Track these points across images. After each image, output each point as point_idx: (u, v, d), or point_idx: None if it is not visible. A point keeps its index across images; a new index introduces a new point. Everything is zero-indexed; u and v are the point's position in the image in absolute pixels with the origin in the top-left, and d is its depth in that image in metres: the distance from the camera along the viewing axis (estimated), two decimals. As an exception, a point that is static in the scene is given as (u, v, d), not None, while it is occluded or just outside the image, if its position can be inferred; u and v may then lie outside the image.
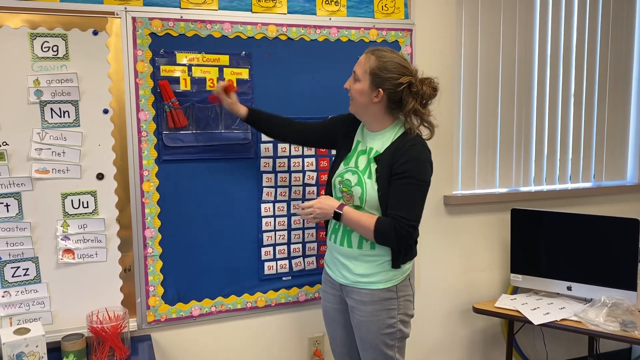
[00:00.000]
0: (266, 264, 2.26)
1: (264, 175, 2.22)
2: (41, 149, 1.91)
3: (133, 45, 1.99)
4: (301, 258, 2.32)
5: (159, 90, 2.03)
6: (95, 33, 1.94)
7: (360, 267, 1.81)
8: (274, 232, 2.26)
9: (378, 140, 1.82)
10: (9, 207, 1.89)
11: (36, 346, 1.76)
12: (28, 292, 1.94)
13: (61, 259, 1.96)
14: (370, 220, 1.74)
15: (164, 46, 2.03)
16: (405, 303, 1.84)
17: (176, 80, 2.05)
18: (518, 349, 2.82)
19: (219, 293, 2.21)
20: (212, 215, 2.16)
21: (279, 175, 2.25)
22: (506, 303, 2.53)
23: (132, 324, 2.07)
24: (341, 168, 1.87)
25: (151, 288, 2.10)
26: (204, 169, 2.13)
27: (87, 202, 1.98)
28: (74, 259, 1.98)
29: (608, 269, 2.46)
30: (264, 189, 2.23)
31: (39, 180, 1.92)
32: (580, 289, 2.51)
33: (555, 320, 2.34)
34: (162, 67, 2.03)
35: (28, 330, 1.79)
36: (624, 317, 2.27)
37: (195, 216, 2.13)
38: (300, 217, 2.28)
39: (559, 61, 2.81)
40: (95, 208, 2.00)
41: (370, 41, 2.32)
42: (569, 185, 2.92)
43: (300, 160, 2.27)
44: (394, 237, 1.72)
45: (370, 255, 1.81)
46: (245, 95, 2.14)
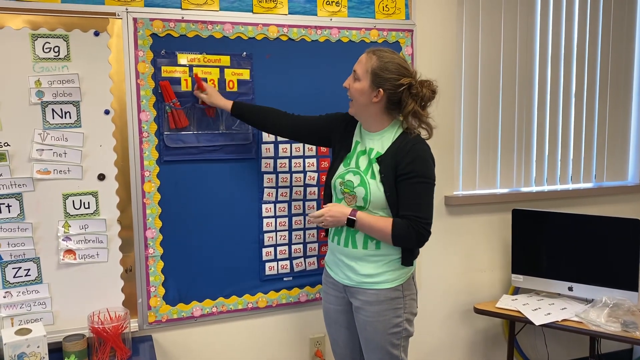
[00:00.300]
0: (267, 265, 2.27)
1: (265, 176, 2.23)
2: (42, 150, 1.91)
3: (134, 46, 1.99)
4: (302, 258, 2.32)
5: (160, 91, 2.03)
6: (96, 34, 1.94)
7: (365, 268, 1.81)
8: (275, 233, 2.27)
9: (377, 140, 1.83)
10: (10, 208, 1.90)
11: (37, 347, 1.76)
12: (29, 293, 1.94)
13: (62, 260, 1.97)
14: (385, 223, 1.74)
15: (165, 47, 2.03)
16: (410, 302, 1.85)
17: (177, 81, 2.05)
18: (519, 350, 2.82)
19: (220, 293, 2.21)
20: (213, 215, 2.16)
21: (280, 175, 2.25)
22: (507, 303, 2.53)
23: (133, 325, 2.07)
24: (341, 169, 1.87)
25: (152, 288, 2.10)
26: (205, 170, 2.13)
27: (89, 203, 1.99)
28: (75, 259, 1.98)
29: (609, 269, 2.45)
30: (265, 190, 2.23)
31: (40, 181, 1.92)
32: (581, 290, 2.51)
33: (557, 321, 2.34)
34: (163, 68, 2.03)
35: (29, 331, 1.79)
36: (625, 318, 2.26)
37: (196, 217, 2.14)
38: (300, 218, 2.29)
39: (559, 61, 2.81)
40: (97, 209, 2.00)
41: (371, 42, 2.32)
42: (570, 186, 2.92)
43: (301, 160, 2.28)
44: (414, 238, 1.74)
45: (375, 256, 1.81)
46: (246, 96, 2.15)
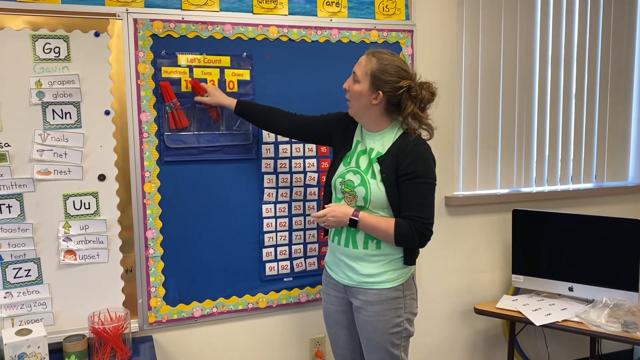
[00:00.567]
0: (267, 265, 2.27)
1: (265, 176, 2.23)
2: (43, 150, 1.91)
3: (134, 46, 1.99)
4: (302, 259, 2.32)
5: (160, 92, 2.03)
6: (96, 34, 1.94)
7: (366, 268, 1.81)
8: (275, 233, 2.27)
9: (378, 140, 1.83)
10: (10, 208, 1.90)
11: (38, 347, 1.76)
12: (30, 293, 1.94)
13: (63, 260, 1.97)
14: (388, 224, 1.75)
15: (166, 47, 2.03)
16: (410, 302, 1.85)
17: (177, 82, 2.05)
18: (519, 350, 2.82)
19: (220, 294, 2.21)
20: (214, 216, 2.16)
21: (280, 176, 2.25)
22: (507, 304, 2.53)
23: (134, 325, 2.07)
24: (341, 168, 1.87)
25: (152, 289, 2.10)
26: (205, 170, 2.13)
27: (89, 203, 1.99)
28: (75, 260, 1.98)
29: (610, 269, 2.45)
30: (265, 190, 2.23)
31: (40, 182, 1.92)
32: (581, 290, 2.51)
33: (557, 321, 2.34)
34: (164, 69, 2.03)
35: (30, 331, 1.79)
36: (626, 318, 2.26)
37: (196, 217, 2.14)
38: (300, 218, 2.29)
39: (560, 61, 2.81)
40: (97, 209, 2.00)
41: (371, 42, 2.32)
42: (571, 186, 2.92)
43: (301, 161, 2.28)
44: (417, 239, 1.74)
45: (376, 255, 1.81)
46: (247, 96, 2.15)
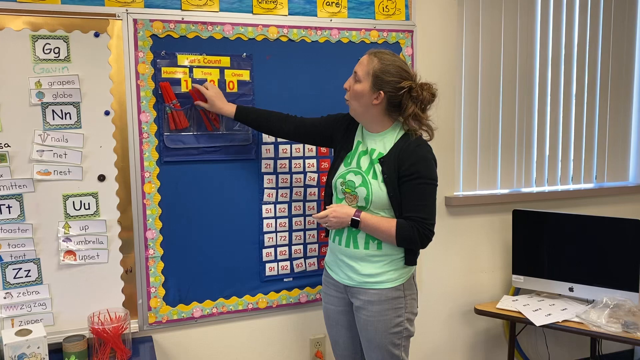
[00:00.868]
0: (267, 265, 2.26)
1: (265, 177, 2.23)
2: (43, 151, 1.91)
3: (134, 47, 1.99)
4: (302, 259, 2.32)
5: (160, 92, 2.03)
6: (96, 35, 1.95)
7: (367, 268, 1.81)
8: (275, 234, 2.26)
9: (379, 141, 1.83)
10: (10, 209, 1.90)
11: (38, 347, 1.76)
12: (30, 294, 1.94)
13: (63, 261, 1.97)
14: (389, 224, 1.75)
15: (165, 48, 2.03)
16: (411, 302, 1.85)
17: (177, 82, 2.05)
18: (520, 351, 2.82)
19: (220, 294, 2.21)
20: (214, 216, 2.16)
21: (280, 176, 2.25)
22: (508, 304, 2.53)
23: (134, 325, 2.07)
24: (342, 169, 1.88)
25: (152, 289, 2.10)
26: (205, 171, 2.13)
27: (89, 204, 1.99)
28: (75, 260, 1.98)
29: (610, 270, 2.45)
30: (265, 190, 2.23)
31: (40, 182, 1.92)
32: (582, 290, 2.50)
33: (557, 322, 2.34)
34: (163, 69, 2.03)
35: (29, 332, 1.79)
36: (626, 319, 2.26)
37: (196, 217, 2.14)
38: (300, 219, 2.29)
39: (560, 61, 2.81)
40: (97, 209, 2.00)
41: (371, 42, 2.32)
42: (571, 186, 2.91)
43: (301, 161, 2.27)
44: (418, 240, 1.75)
45: (377, 256, 1.81)
46: (246, 97, 2.15)
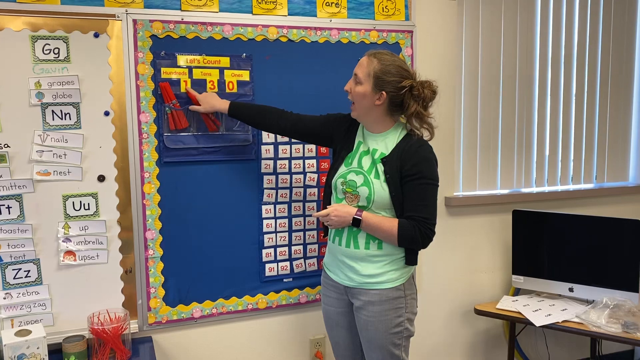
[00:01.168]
0: (267, 266, 2.26)
1: (265, 177, 2.23)
2: (42, 151, 1.91)
3: (134, 47, 1.99)
4: (302, 260, 2.32)
5: (159, 92, 2.03)
6: (96, 35, 1.95)
7: (367, 268, 1.81)
8: (274, 234, 2.26)
9: (381, 141, 1.83)
10: (10, 209, 1.90)
11: (37, 348, 1.76)
12: (29, 294, 1.94)
13: (62, 261, 1.97)
14: (391, 224, 1.75)
15: (165, 48, 2.03)
16: (411, 301, 1.85)
17: (177, 82, 2.05)
18: (520, 351, 2.81)
19: (220, 295, 2.21)
20: (213, 216, 2.16)
21: (280, 176, 2.25)
22: (508, 304, 2.53)
23: (133, 326, 2.07)
24: (342, 169, 1.87)
25: (152, 290, 2.10)
26: (205, 171, 2.13)
27: (88, 204, 1.99)
28: (75, 260, 1.98)
29: (610, 270, 2.45)
30: (265, 191, 2.23)
31: (40, 182, 1.92)
32: (582, 291, 2.50)
33: (557, 322, 2.34)
34: (163, 69, 2.03)
35: (29, 332, 1.79)
36: (626, 319, 2.26)
37: (196, 218, 2.14)
38: (300, 219, 2.29)
39: (560, 61, 2.81)
40: (97, 210, 2.00)
41: (371, 43, 2.32)
42: (571, 187, 2.91)
43: (301, 161, 2.27)
44: (420, 239, 1.75)
45: (377, 256, 1.81)
46: (246, 97, 2.15)
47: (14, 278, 1.92)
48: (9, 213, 1.90)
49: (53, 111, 1.91)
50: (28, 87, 1.88)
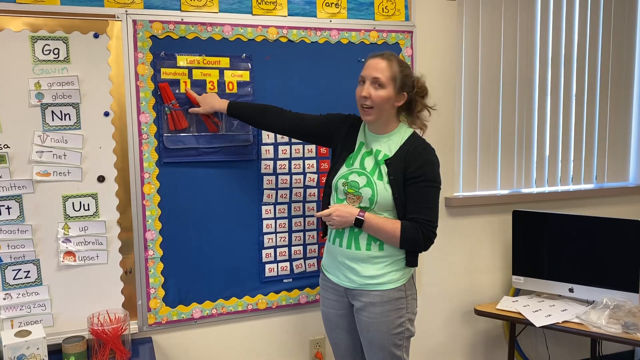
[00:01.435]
0: (267, 266, 2.26)
1: (265, 177, 2.22)
2: (42, 152, 1.91)
3: (134, 47, 1.99)
4: (302, 260, 2.32)
5: (159, 93, 2.03)
6: (96, 36, 1.94)
7: (368, 269, 1.81)
8: (274, 234, 2.26)
9: (384, 143, 1.83)
10: (10, 210, 1.90)
11: (37, 348, 1.76)
12: (29, 295, 1.94)
13: (62, 262, 1.97)
14: (394, 226, 1.75)
15: (165, 49, 2.03)
16: (412, 302, 1.86)
17: (177, 83, 2.05)
18: (520, 351, 2.81)
19: (220, 295, 2.21)
20: (213, 217, 2.16)
21: (280, 177, 2.25)
22: (508, 305, 2.52)
23: (133, 326, 2.07)
24: (343, 169, 1.86)
25: (152, 290, 2.10)
26: (205, 171, 2.13)
27: (88, 205, 1.99)
28: (75, 261, 1.98)
29: (610, 270, 2.45)
30: (265, 191, 2.23)
31: (40, 183, 1.92)
32: (582, 291, 2.50)
33: (557, 323, 2.33)
34: (163, 70, 2.03)
35: (29, 333, 1.79)
36: (626, 319, 2.26)
37: (195, 218, 2.13)
38: (300, 220, 2.29)
39: (560, 62, 2.81)
40: (96, 210, 2.00)
41: (370, 43, 2.31)
42: (571, 187, 2.91)
43: (301, 162, 2.27)
44: (422, 242, 1.76)
45: (378, 257, 1.80)
46: (246, 98, 2.15)
47: (14, 279, 1.92)
48: (9, 214, 1.90)
49: (53, 112, 1.91)
50: (28, 88, 1.88)
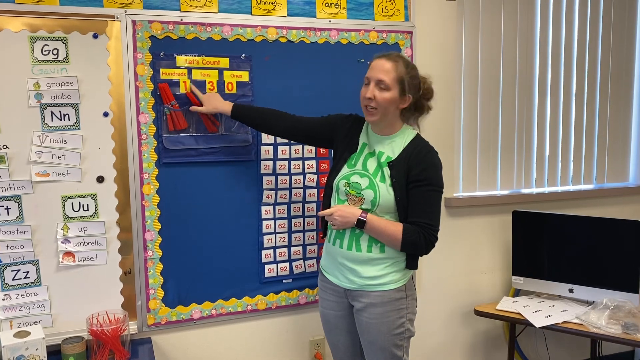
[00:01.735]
0: (267, 267, 2.26)
1: (264, 178, 2.22)
2: (41, 152, 1.91)
3: (133, 48, 1.99)
4: (302, 260, 2.32)
5: (159, 93, 2.03)
6: (95, 36, 1.94)
7: (369, 271, 1.80)
8: (274, 235, 2.26)
9: (387, 144, 1.82)
10: (9, 210, 1.89)
11: (36, 349, 1.76)
12: (28, 295, 1.94)
13: (61, 262, 1.96)
14: (396, 228, 1.74)
15: (164, 49, 2.03)
16: (412, 302, 1.85)
17: (176, 83, 2.05)
18: (520, 352, 2.81)
19: (220, 296, 2.21)
20: (213, 217, 2.16)
21: (280, 177, 2.24)
22: (508, 305, 2.52)
23: (133, 327, 2.07)
24: (345, 170, 1.85)
25: (151, 291, 2.10)
26: (204, 172, 2.13)
27: (88, 205, 1.98)
28: (74, 261, 1.98)
29: (610, 271, 2.44)
30: (264, 192, 2.23)
31: (39, 183, 1.92)
32: (582, 292, 2.50)
33: (557, 323, 2.33)
34: (162, 70, 2.03)
35: (28, 333, 1.78)
36: (626, 320, 2.25)
37: (195, 219, 2.13)
38: (299, 220, 2.29)
39: (560, 62, 2.80)
40: (96, 211, 2.00)
41: (370, 43, 2.31)
42: (571, 187, 2.91)
43: (300, 162, 2.27)
44: (423, 245, 1.75)
45: (379, 259, 1.80)
46: (246, 98, 2.14)
47: (13, 279, 1.92)
48: (8, 214, 1.89)
49: (52, 112, 1.91)
50: (27, 88, 1.88)
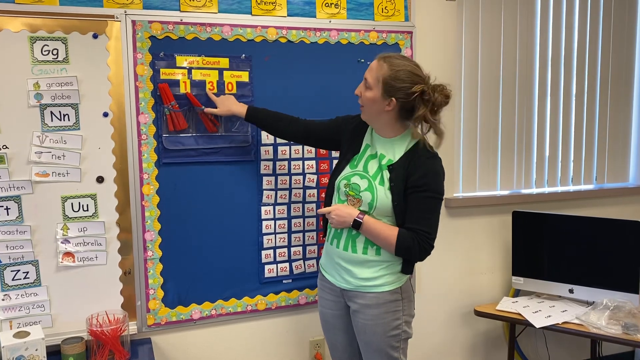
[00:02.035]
0: (266, 267, 2.26)
1: (264, 178, 2.22)
2: (41, 152, 1.91)
3: (133, 48, 1.99)
4: (302, 261, 2.32)
5: (158, 93, 2.03)
6: (95, 36, 1.94)
7: (364, 272, 1.80)
8: (274, 235, 2.26)
9: (389, 147, 1.80)
10: (9, 211, 1.89)
11: (36, 349, 1.76)
12: (28, 296, 1.94)
13: (61, 262, 1.96)
14: (391, 232, 1.73)
15: (164, 49, 2.03)
16: (408, 304, 1.84)
17: (176, 83, 2.05)
18: (520, 352, 2.81)
19: (219, 296, 2.20)
20: (212, 217, 2.16)
21: (279, 177, 2.24)
22: (508, 306, 2.52)
23: (132, 327, 2.07)
24: (347, 170, 1.85)
25: (151, 291, 2.09)
26: (204, 172, 2.13)
27: (87, 205, 1.98)
28: (74, 262, 1.98)
29: (610, 271, 2.44)
30: (264, 192, 2.23)
31: (39, 184, 1.92)
32: (582, 292, 2.50)
33: (557, 323, 2.33)
34: (162, 70, 2.03)
35: (28, 334, 1.78)
36: (626, 320, 2.25)
37: (195, 219, 2.13)
38: (299, 220, 2.29)
39: (560, 62, 2.80)
40: (95, 211, 2.00)
41: (370, 44, 2.31)
42: (571, 188, 2.91)
43: (300, 162, 2.27)
44: (417, 252, 1.73)
45: (374, 261, 1.79)
46: (246, 98, 2.14)
47: (13, 279, 1.92)
48: (8, 214, 1.89)
49: (52, 112, 1.91)
50: (27, 88, 1.87)
